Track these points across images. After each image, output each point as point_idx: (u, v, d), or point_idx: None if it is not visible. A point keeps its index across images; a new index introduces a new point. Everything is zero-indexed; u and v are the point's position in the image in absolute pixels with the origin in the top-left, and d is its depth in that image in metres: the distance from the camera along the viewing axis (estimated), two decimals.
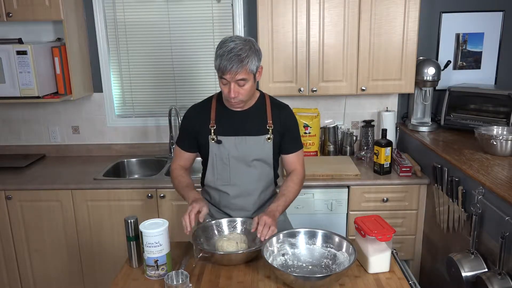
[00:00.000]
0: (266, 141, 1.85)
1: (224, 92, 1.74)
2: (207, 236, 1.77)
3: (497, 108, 2.67)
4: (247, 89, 1.73)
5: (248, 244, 1.71)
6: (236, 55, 1.64)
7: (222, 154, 1.85)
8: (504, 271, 1.77)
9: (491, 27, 2.98)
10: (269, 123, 1.85)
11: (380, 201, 2.65)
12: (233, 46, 1.65)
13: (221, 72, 1.68)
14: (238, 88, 1.71)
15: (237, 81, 1.69)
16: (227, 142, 1.84)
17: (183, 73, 3.14)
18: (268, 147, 1.86)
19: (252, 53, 1.68)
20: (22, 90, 2.72)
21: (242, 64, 1.65)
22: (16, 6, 2.68)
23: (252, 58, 1.68)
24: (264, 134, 1.85)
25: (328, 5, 2.68)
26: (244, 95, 1.74)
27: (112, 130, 3.25)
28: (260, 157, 1.86)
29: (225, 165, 1.87)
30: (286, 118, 1.90)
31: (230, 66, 1.64)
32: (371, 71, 2.76)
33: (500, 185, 1.87)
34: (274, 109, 1.88)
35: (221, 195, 1.92)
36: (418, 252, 2.75)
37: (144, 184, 2.68)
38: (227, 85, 1.71)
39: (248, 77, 1.70)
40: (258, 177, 1.89)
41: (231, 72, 1.66)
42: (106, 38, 3.09)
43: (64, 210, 2.71)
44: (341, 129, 3.15)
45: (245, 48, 1.66)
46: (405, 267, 1.74)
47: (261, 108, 1.88)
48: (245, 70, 1.67)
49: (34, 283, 2.87)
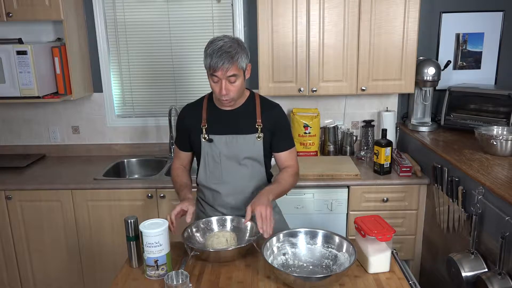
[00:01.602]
0: (256, 139, 1.87)
1: (215, 90, 1.77)
2: (199, 234, 1.80)
3: (497, 108, 2.67)
4: (238, 86, 1.77)
5: (238, 241, 1.73)
6: (226, 52, 1.69)
7: (214, 152, 1.88)
8: (504, 271, 1.77)
9: (491, 27, 2.98)
10: (258, 121, 1.87)
11: (380, 201, 2.65)
12: (222, 44, 1.71)
13: (212, 69, 1.72)
14: (229, 85, 1.74)
15: (228, 77, 1.72)
16: (218, 140, 1.87)
17: (183, 73, 3.14)
18: (258, 146, 1.88)
19: (241, 50, 1.74)
20: (22, 90, 2.72)
21: (233, 61, 1.70)
22: (16, 6, 2.68)
23: (241, 55, 1.73)
24: (254, 133, 1.87)
25: (328, 5, 2.68)
26: (235, 92, 1.77)
27: (112, 130, 3.25)
28: (250, 156, 1.88)
29: (217, 163, 1.89)
30: (276, 117, 1.92)
31: (222, 62, 1.68)
32: (371, 71, 2.76)
33: (500, 185, 1.87)
34: (264, 108, 1.91)
35: (214, 194, 1.94)
36: (418, 252, 2.75)
37: (144, 184, 2.68)
38: (218, 83, 1.75)
39: (239, 73, 1.74)
40: (249, 175, 1.91)
41: (222, 69, 1.69)
42: (106, 38, 3.09)
43: (64, 210, 2.71)
44: (341, 129, 3.15)
45: (234, 45, 1.72)
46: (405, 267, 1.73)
47: (251, 107, 1.90)
48: (235, 66, 1.71)
49: (34, 283, 2.87)
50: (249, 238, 1.74)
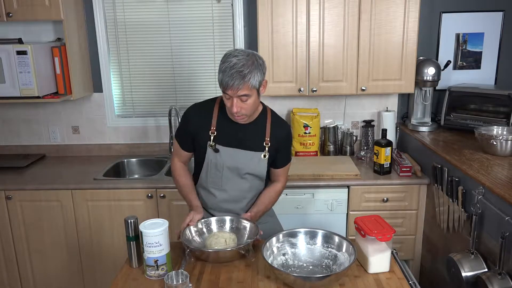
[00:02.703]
0: (262, 158, 1.85)
1: (227, 105, 1.73)
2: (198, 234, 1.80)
3: (497, 108, 2.67)
4: (250, 104, 1.71)
5: (236, 242, 1.73)
6: (237, 72, 1.62)
7: (218, 162, 1.86)
8: (504, 271, 1.77)
9: (491, 27, 2.98)
10: (267, 140, 1.85)
11: (380, 201, 2.65)
12: (236, 61, 1.63)
13: (223, 87, 1.67)
14: (241, 103, 1.69)
15: (240, 96, 1.67)
16: (224, 152, 1.84)
17: (183, 73, 3.14)
18: (263, 164, 1.87)
19: (255, 68, 1.65)
20: (22, 90, 2.72)
21: (244, 81, 1.63)
22: (16, 6, 2.68)
23: (255, 74, 1.65)
24: (261, 151, 1.85)
25: (328, 5, 2.68)
26: (247, 110, 1.73)
27: (112, 130, 3.25)
28: (253, 172, 1.87)
29: (218, 172, 1.88)
30: (284, 137, 1.90)
31: (232, 82, 1.62)
32: (371, 71, 2.76)
33: (500, 185, 1.87)
34: (274, 126, 1.87)
35: (209, 196, 1.94)
36: (418, 252, 2.75)
37: (144, 184, 2.68)
38: (230, 99, 1.70)
39: (251, 93, 1.68)
40: (248, 188, 1.92)
41: (232, 88, 1.64)
42: (106, 38, 3.09)
43: (64, 210, 2.71)
44: (341, 129, 3.14)
45: (247, 64, 1.64)
46: (405, 267, 1.74)
47: (262, 123, 1.87)
48: (247, 86, 1.64)
49: (34, 283, 2.87)
50: (247, 240, 1.73)
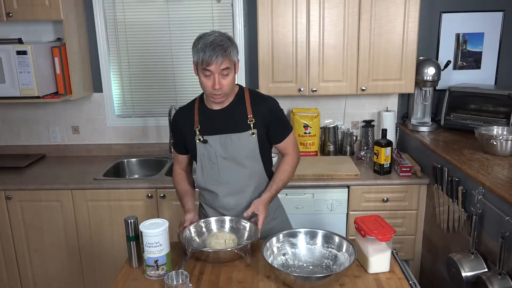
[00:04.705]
0: (250, 136, 1.85)
1: (207, 85, 1.75)
2: (197, 235, 1.80)
3: (497, 108, 2.67)
4: (230, 80, 1.76)
5: (236, 242, 1.72)
6: (219, 45, 1.68)
7: (210, 153, 1.87)
8: (504, 271, 1.77)
9: (491, 27, 2.98)
10: (250, 117, 1.84)
11: (380, 201, 2.65)
12: (214, 38, 1.70)
13: (205, 63, 1.69)
14: (222, 80, 1.73)
15: (222, 70, 1.71)
16: (212, 141, 1.85)
17: (183, 73, 3.14)
18: (253, 143, 1.86)
19: (232, 44, 1.74)
20: (22, 90, 2.72)
21: (226, 53, 1.69)
22: (16, 6, 2.68)
23: (233, 48, 1.74)
24: (247, 130, 1.84)
25: (328, 5, 2.68)
26: (228, 87, 1.76)
27: (112, 130, 3.25)
28: (247, 154, 1.86)
29: (213, 164, 1.88)
30: (268, 109, 1.87)
31: (215, 55, 1.67)
32: (371, 71, 2.76)
33: (500, 185, 1.87)
34: (254, 102, 1.87)
35: (212, 195, 1.94)
36: (418, 252, 2.75)
37: (144, 184, 2.68)
38: (210, 77, 1.73)
39: (231, 67, 1.75)
40: (248, 174, 1.89)
41: (216, 62, 1.69)
42: (106, 38, 3.09)
43: (64, 210, 2.71)
44: (341, 129, 3.15)
45: (225, 39, 1.72)
46: (405, 267, 1.74)
47: (241, 103, 1.87)
48: (228, 59, 1.71)
49: (34, 283, 2.87)
50: (247, 241, 1.72)
